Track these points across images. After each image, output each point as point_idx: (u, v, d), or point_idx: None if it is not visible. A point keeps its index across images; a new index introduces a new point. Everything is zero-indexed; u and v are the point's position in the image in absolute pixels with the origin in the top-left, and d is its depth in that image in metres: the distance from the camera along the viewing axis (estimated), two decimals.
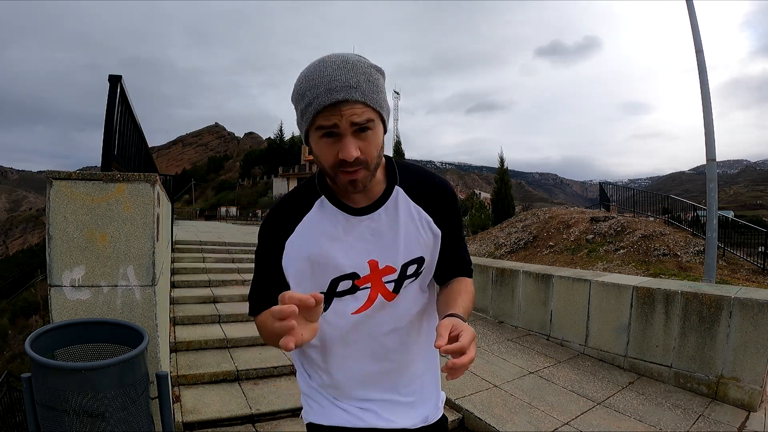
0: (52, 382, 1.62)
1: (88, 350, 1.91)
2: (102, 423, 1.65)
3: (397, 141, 37.34)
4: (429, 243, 0.98)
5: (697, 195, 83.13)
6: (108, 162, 2.24)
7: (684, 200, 12.98)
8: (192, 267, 6.21)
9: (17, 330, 25.97)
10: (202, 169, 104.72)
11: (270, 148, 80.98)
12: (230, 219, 44.25)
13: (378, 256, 0.95)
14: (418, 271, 0.98)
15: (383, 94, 0.84)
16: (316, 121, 0.81)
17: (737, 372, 3.28)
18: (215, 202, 71.88)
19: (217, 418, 2.75)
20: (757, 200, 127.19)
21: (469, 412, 2.97)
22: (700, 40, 6.68)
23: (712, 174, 6.59)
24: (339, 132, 0.80)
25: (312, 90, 0.79)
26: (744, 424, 3.00)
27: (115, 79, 2.27)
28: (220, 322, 4.40)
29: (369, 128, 0.81)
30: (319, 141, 0.83)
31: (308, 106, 0.80)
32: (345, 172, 0.83)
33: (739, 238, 10.20)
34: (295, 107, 0.85)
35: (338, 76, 0.78)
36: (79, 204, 2.01)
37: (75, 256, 2.01)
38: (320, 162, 0.85)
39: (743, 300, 3.29)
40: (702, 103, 6.56)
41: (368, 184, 0.87)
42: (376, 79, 0.83)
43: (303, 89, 0.81)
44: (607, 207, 14.55)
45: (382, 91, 0.84)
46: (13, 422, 4.97)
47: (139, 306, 2.11)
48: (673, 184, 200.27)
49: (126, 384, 1.72)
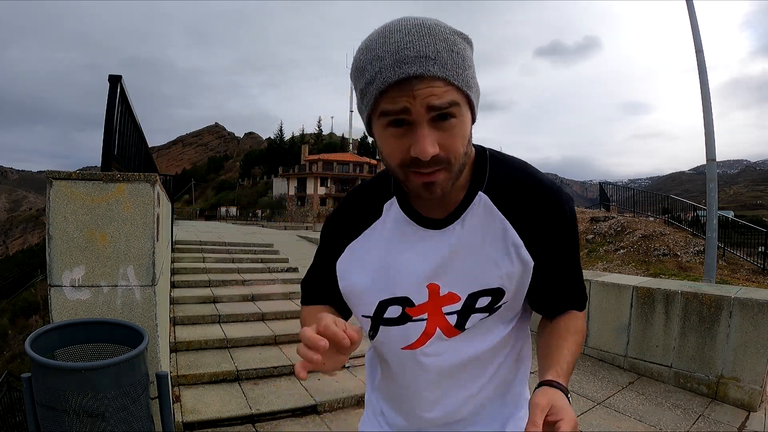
0: (52, 382, 1.62)
1: (88, 350, 1.91)
2: (102, 423, 1.65)
3: None
4: (514, 273, 0.74)
5: (697, 195, 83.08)
6: (108, 162, 2.24)
7: (684, 200, 13.00)
8: (192, 267, 6.20)
9: (17, 330, 25.97)
10: (202, 169, 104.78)
11: (270, 148, 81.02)
12: (230, 219, 44.28)
13: (441, 280, 0.76)
14: (493, 306, 0.76)
15: (471, 70, 0.64)
16: (380, 105, 0.61)
17: (737, 372, 3.28)
18: (215, 202, 71.92)
19: (217, 418, 2.75)
20: (757, 200, 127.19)
21: None
22: (700, 40, 6.68)
23: (712, 174, 6.59)
24: (411, 120, 0.60)
25: (374, 63, 0.60)
26: (744, 424, 3.00)
27: (115, 79, 2.27)
28: (220, 322, 4.40)
29: (452, 115, 0.61)
30: (384, 131, 0.64)
31: (369, 84, 0.61)
32: (418, 173, 0.64)
33: (739, 238, 10.20)
34: (354, 87, 0.66)
35: (410, 44, 0.58)
36: (79, 204, 2.01)
37: (75, 256, 2.01)
38: (386, 160, 0.66)
39: (743, 300, 3.29)
40: (702, 103, 6.56)
41: (449, 188, 0.67)
42: (462, 50, 0.62)
43: (363, 62, 0.62)
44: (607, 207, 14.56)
45: (470, 65, 0.63)
46: (13, 422, 4.97)
47: (139, 306, 2.11)
48: (673, 184, 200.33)
49: (126, 384, 1.72)
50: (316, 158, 57.95)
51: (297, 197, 56.66)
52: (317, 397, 3.08)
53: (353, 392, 3.20)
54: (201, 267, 6.28)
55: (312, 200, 54.68)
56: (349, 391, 3.20)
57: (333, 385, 3.30)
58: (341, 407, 3.07)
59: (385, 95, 0.60)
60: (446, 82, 0.59)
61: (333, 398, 3.08)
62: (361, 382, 3.37)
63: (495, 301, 0.76)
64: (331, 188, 55.24)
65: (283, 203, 56.95)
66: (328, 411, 3.02)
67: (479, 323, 0.77)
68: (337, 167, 56.22)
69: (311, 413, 2.96)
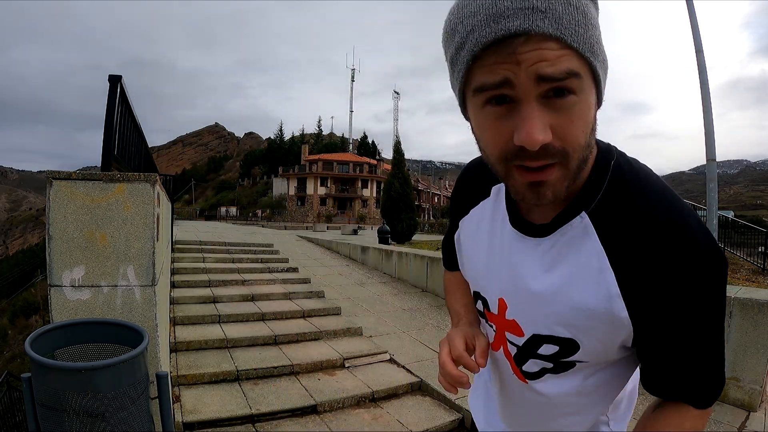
0: (52, 382, 1.62)
1: (88, 350, 1.91)
2: (102, 423, 1.65)
3: (397, 141, 37.31)
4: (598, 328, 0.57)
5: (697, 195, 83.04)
6: (108, 162, 2.24)
7: (684, 200, 12.99)
8: (192, 267, 6.20)
9: (17, 330, 25.97)
10: (202, 169, 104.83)
11: (270, 148, 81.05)
12: (230, 219, 44.28)
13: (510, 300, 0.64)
14: (559, 359, 0.61)
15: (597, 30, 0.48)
16: (474, 77, 0.48)
17: (737, 372, 3.28)
18: (215, 202, 71.95)
19: (217, 418, 2.75)
20: (757, 200, 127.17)
21: (469, 411, 2.97)
22: (700, 40, 6.68)
23: (712, 174, 6.60)
24: (514, 96, 0.46)
25: (467, 21, 0.46)
26: (744, 424, 3.00)
27: (115, 79, 2.27)
28: (220, 322, 4.40)
29: (571, 90, 0.45)
30: (481, 113, 0.49)
31: (459, 49, 0.47)
32: (523, 169, 0.49)
33: (739, 238, 10.19)
34: (445, 56, 0.52)
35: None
36: (79, 204, 2.01)
37: (75, 256, 2.01)
38: (484, 152, 0.53)
39: (743, 300, 3.29)
40: (702, 103, 6.57)
41: (563, 192, 0.51)
42: (584, 5, 0.46)
43: (454, 23, 0.48)
44: None
45: (596, 25, 0.47)
46: (13, 422, 4.97)
47: (139, 306, 2.11)
48: (673, 184, 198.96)
49: (126, 384, 1.72)
50: (316, 158, 57.98)
51: (297, 197, 56.69)
52: (317, 397, 3.08)
53: (353, 392, 3.20)
54: (201, 267, 6.28)
55: (312, 200, 54.70)
56: (348, 391, 3.20)
57: (333, 385, 3.30)
58: (341, 407, 3.07)
59: (480, 62, 0.46)
60: (562, 44, 0.44)
61: (333, 398, 3.09)
62: (361, 382, 3.37)
63: (563, 354, 0.60)
64: (331, 188, 55.26)
65: (283, 203, 56.98)
66: (328, 411, 3.02)
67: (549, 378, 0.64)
68: (337, 167, 56.24)
69: (311, 413, 2.97)
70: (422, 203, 54.98)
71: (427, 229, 28.31)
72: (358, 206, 54.40)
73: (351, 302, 5.78)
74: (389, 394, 3.29)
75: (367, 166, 57.13)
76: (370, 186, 55.92)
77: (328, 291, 6.07)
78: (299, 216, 52.11)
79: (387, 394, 3.29)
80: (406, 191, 15.55)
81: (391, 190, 15.52)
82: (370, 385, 3.31)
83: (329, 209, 53.48)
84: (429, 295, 6.51)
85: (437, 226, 29.10)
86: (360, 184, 56.04)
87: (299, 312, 4.87)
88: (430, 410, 3.07)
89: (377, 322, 4.99)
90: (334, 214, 51.99)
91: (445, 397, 3.16)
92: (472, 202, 0.72)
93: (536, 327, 0.61)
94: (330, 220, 47.43)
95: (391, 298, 6.28)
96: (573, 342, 0.59)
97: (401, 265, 7.65)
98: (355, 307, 5.59)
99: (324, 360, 3.69)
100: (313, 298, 5.58)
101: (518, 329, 0.63)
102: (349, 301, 5.85)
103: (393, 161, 17.31)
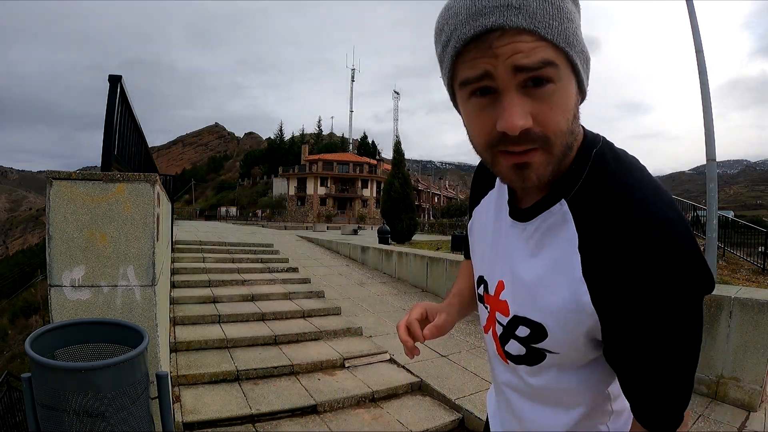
0: (52, 382, 1.62)
1: (88, 350, 1.91)
2: (102, 423, 1.65)
3: (397, 141, 37.34)
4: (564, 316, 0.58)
5: (697, 195, 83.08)
6: (108, 162, 2.24)
7: (684, 200, 12.99)
8: (192, 267, 6.20)
9: (17, 330, 25.96)
10: (202, 169, 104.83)
11: (270, 148, 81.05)
12: (230, 219, 44.29)
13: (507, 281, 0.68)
14: (530, 344, 0.63)
15: (573, 24, 0.51)
16: (459, 71, 0.52)
17: (737, 372, 3.28)
18: (215, 202, 71.97)
19: (217, 418, 2.75)
20: (757, 200, 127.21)
21: (469, 411, 2.97)
22: (700, 40, 6.68)
23: (712, 174, 6.59)
24: (495, 87, 0.50)
25: (450, 20, 0.51)
26: (744, 424, 3.00)
27: (115, 79, 2.27)
28: (220, 322, 4.40)
29: (548, 79, 0.49)
30: (467, 105, 0.54)
31: (445, 47, 0.52)
32: (506, 153, 0.52)
33: (739, 238, 10.20)
34: (436, 54, 0.56)
35: None
36: (79, 204, 2.01)
37: (75, 256, 2.01)
38: (472, 142, 0.56)
39: (743, 300, 3.29)
40: (702, 103, 6.56)
41: (548, 175, 0.54)
42: (559, 1, 0.49)
43: (441, 23, 0.53)
44: None
45: (571, 19, 0.50)
46: (13, 422, 4.97)
47: (139, 306, 2.11)
48: (673, 184, 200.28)
49: (126, 384, 1.72)
50: (316, 158, 58.00)
51: (297, 197, 56.70)
52: (317, 397, 3.08)
53: (353, 392, 3.20)
54: (201, 267, 6.28)
55: (312, 200, 54.70)
56: (348, 391, 3.21)
57: (333, 385, 3.31)
58: (341, 407, 3.08)
59: (462, 58, 0.50)
60: (536, 36, 0.47)
61: (333, 398, 3.09)
62: (361, 382, 3.37)
63: (533, 339, 0.62)
64: (331, 188, 55.26)
65: (283, 203, 56.99)
66: (328, 411, 3.02)
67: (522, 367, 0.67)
68: (337, 167, 56.26)
69: (311, 413, 2.97)
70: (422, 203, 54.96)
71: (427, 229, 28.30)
72: (358, 206, 54.41)
73: (351, 302, 5.79)
74: (389, 394, 3.29)
75: (367, 166, 57.15)
76: (370, 186, 55.93)
77: (328, 291, 6.07)
78: (299, 216, 52.12)
79: (387, 394, 3.29)
80: (406, 191, 15.55)
81: (391, 190, 15.53)
82: (370, 385, 3.31)
83: (329, 209, 53.50)
84: (429, 296, 6.51)
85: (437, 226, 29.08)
86: (360, 184, 56.06)
87: (299, 312, 4.88)
88: (430, 410, 3.08)
89: (377, 322, 4.99)
90: (334, 214, 52.00)
91: (445, 397, 3.16)
92: (482, 193, 0.78)
93: (518, 308, 0.65)
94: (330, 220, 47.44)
95: (391, 298, 6.28)
96: (542, 327, 0.61)
97: (401, 265, 7.65)
98: (355, 307, 5.59)
99: (324, 360, 3.69)
100: (313, 298, 5.59)
101: (506, 309, 0.67)
102: (349, 301, 5.85)
103: (393, 161, 17.31)
